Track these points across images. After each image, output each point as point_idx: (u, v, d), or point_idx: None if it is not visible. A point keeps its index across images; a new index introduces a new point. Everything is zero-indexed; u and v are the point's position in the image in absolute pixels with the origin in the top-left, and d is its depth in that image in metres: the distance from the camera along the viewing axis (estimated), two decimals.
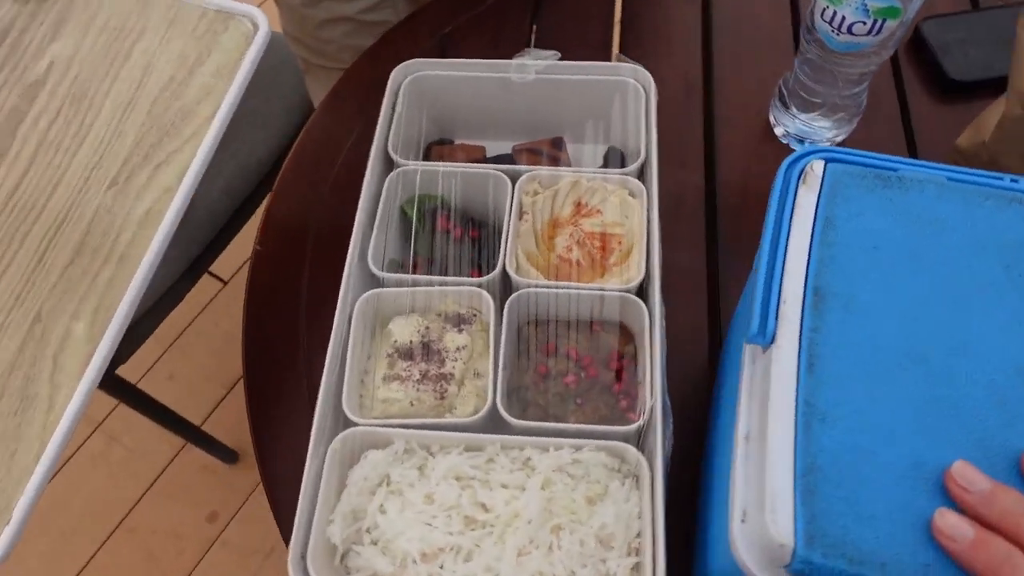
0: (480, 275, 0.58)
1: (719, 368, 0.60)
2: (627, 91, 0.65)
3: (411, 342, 0.54)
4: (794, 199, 0.41)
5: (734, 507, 0.37)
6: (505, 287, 0.57)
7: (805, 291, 0.38)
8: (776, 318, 0.38)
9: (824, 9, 0.60)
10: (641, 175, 0.61)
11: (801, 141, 0.73)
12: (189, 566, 1.38)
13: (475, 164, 0.62)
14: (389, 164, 0.63)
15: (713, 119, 0.77)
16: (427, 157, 0.69)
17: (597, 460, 0.49)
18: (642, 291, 0.56)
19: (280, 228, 0.72)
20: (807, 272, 0.39)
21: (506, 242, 0.57)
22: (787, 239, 0.40)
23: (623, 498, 0.48)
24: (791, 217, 0.41)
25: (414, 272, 0.58)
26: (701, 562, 0.48)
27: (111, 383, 1.08)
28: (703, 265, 0.67)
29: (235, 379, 1.56)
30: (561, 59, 0.67)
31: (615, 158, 0.69)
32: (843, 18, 0.59)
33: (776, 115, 0.74)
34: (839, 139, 0.72)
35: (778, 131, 0.74)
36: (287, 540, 0.56)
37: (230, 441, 1.46)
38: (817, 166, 0.42)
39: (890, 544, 0.32)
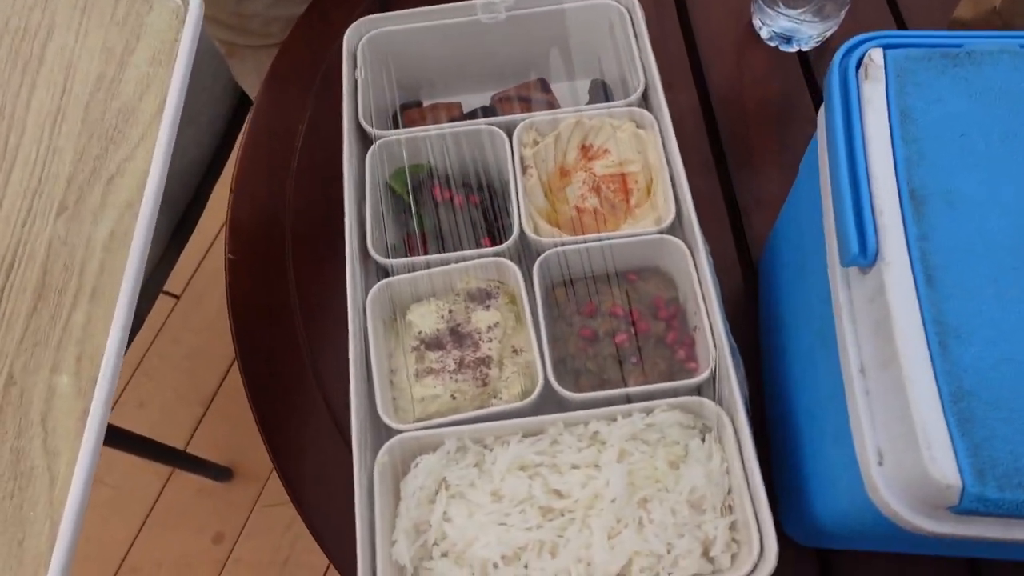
0: (493, 243, 0.52)
1: (763, 297, 0.56)
2: (609, 15, 0.59)
3: (438, 330, 0.49)
4: (859, 96, 0.37)
5: (865, 450, 0.33)
6: (526, 251, 0.51)
7: (900, 196, 0.34)
8: (875, 232, 0.33)
9: None
10: (644, 103, 0.56)
11: (788, 40, 0.69)
12: None
13: (464, 122, 0.55)
14: (364, 138, 0.57)
15: (692, 32, 0.71)
16: (398, 125, 0.62)
17: (672, 420, 0.44)
18: (673, 228, 0.51)
19: (250, 231, 0.64)
20: (896, 175, 0.34)
21: (517, 202, 0.51)
22: (863, 142, 0.36)
23: (706, 456, 0.44)
24: (860, 117, 0.36)
25: (421, 252, 0.52)
26: (798, 510, 0.45)
27: None
28: (717, 189, 0.63)
29: (210, 395, 1.48)
30: None
31: (600, 91, 0.63)
32: None
33: (760, 16, 0.69)
34: (828, 33, 0.68)
35: (763, 33, 0.70)
36: (340, 568, 0.51)
37: (220, 458, 1.39)
38: (876, 55, 0.37)
39: None
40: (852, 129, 0.36)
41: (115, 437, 1.10)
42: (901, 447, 0.31)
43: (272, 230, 0.63)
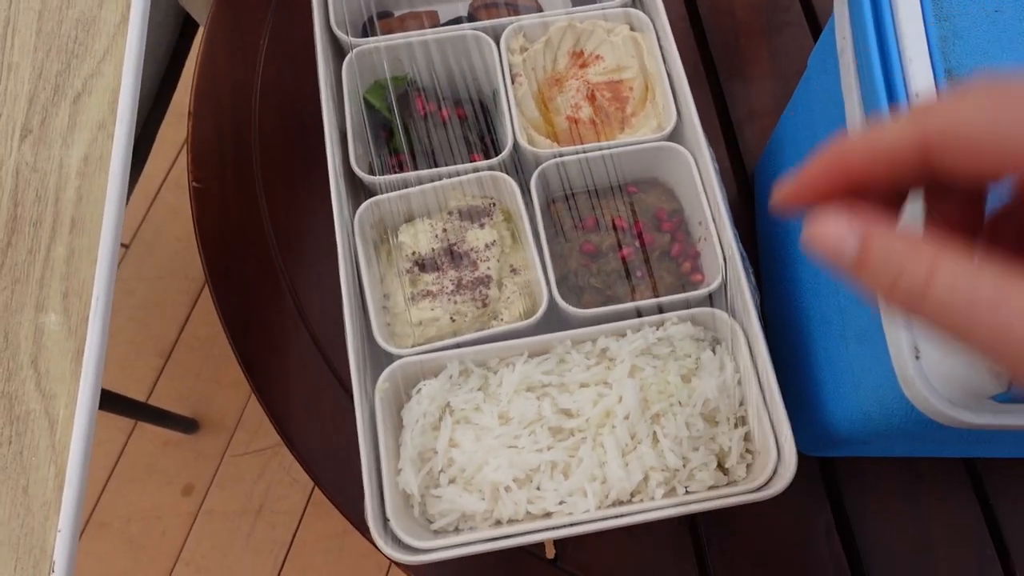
0: (482, 159, 0.49)
1: (761, 206, 0.55)
2: None
3: (432, 250, 0.46)
4: None
5: (900, 346, 0.32)
6: (520, 164, 0.48)
7: (935, 78, 0.32)
8: None
9: None
10: (637, 3, 0.53)
11: None
12: (176, 545, 1.30)
13: (447, 27, 0.51)
14: (337, 49, 0.52)
15: None
16: (373, 34, 0.57)
17: (683, 333, 0.43)
18: (673, 136, 0.49)
19: (214, 156, 0.60)
20: (931, 55, 0.32)
21: (509, 112, 0.48)
22: (893, 22, 0.33)
23: (718, 367, 0.43)
24: None
25: (408, 170, 0.48)
26: (804, 419, 0.44)
27: None
28: (709, 99, 0.60)
29: (169, 346, 1.43)
30: None
31: None
32: None
33: None
34: None
35: None
36: (337, 503, 0.49)
37: (184, 410, 1.35)
38: None
39: None
40: (880, 9, 0.34)
41: None
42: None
43: (239, 154, 0.59)
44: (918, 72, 0.32)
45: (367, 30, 0.57)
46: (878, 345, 0.34)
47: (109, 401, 1.14)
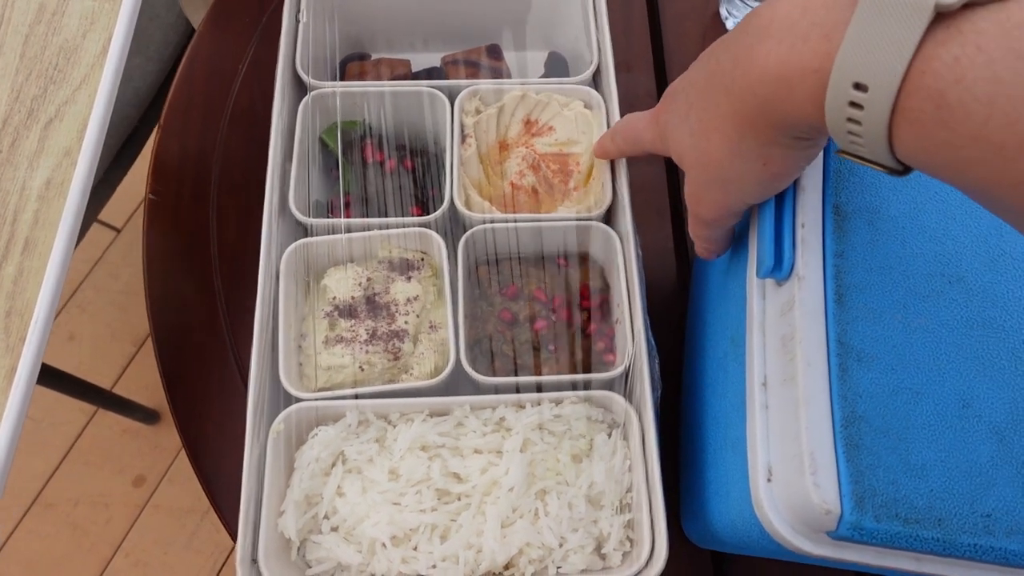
0: (422, 212, 0.50)
1: (692, 293, 0.55)
2: None
3: (353, 297, 0.47)
4: None
5: (756, 465, 0.32)
6: (454, 224, 0.49)
7: (824, 211, 0.33)
8: (794, 246, 0.32)
9: None
10: (595, 83, 0.54)
11: None
12: (119, 534, 1.30)
13: (404, 82, 0.53)
14: (300, 88, 0.54)
15: (658, 15, 0.69)
16: (343, 77, 0.59)
17: (580, 413, 0.44)
18: (608, 216, 0.50)
19: (175, 171, 0.61)
20: (824, 188, 0.33)
21: (451, 172, 0.49)
22: None
23: (610, 452, 0.43)
24: None
25: (345, 214, 0.50)
26: (695, 516, 0.45)
27: None
28: (663, 177, 0.62)
29: (144, 335, 1.44)
30: None
31: (558, 65, 0.61)
32: None
33: (727, 6, 0.67)
34: None
35: (729, 24, 0.68)
36: (231, 532, 0.49)
37: (148, 400, 1.36)
38: None
39: (946, 496, 0.28)
40: None
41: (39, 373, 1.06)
42: (789, 467, 0.30)
43: (199, 174, 0.60)
44: (808, 203, 0.33)
45: (340, 71, 0.59)
46: (744, 458, 0.34)
47: (73, 386, 1.15)
